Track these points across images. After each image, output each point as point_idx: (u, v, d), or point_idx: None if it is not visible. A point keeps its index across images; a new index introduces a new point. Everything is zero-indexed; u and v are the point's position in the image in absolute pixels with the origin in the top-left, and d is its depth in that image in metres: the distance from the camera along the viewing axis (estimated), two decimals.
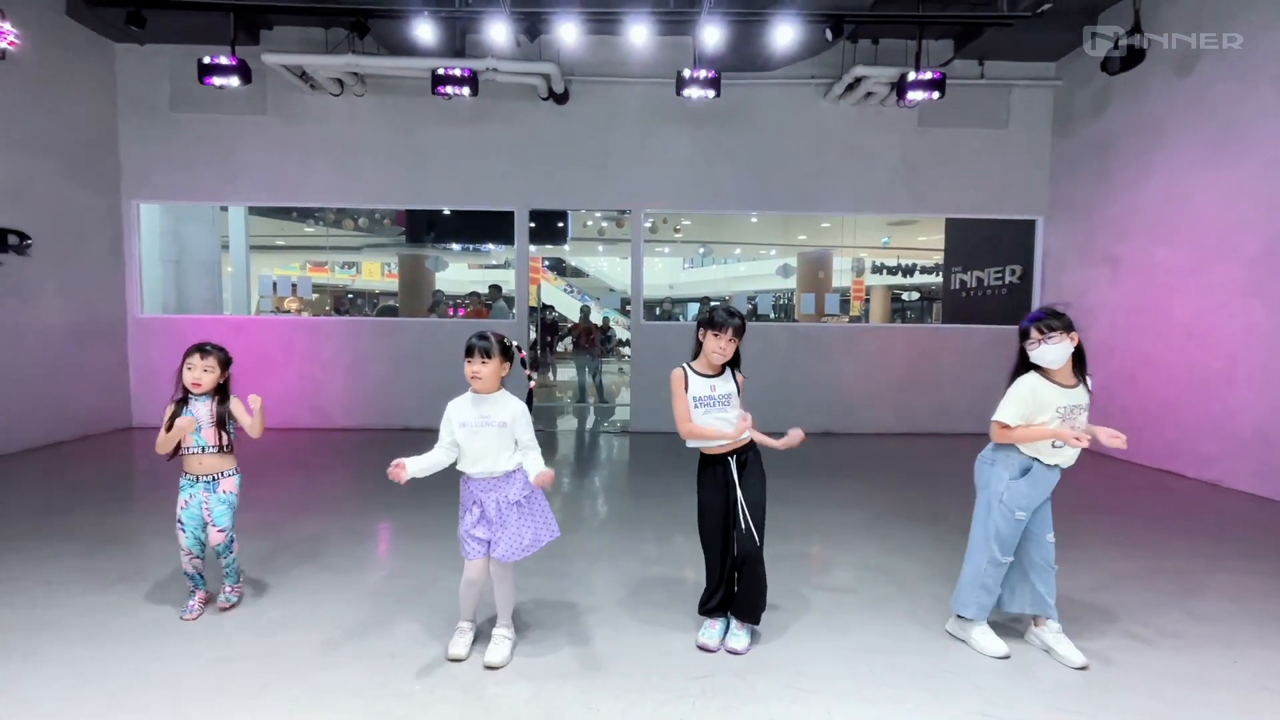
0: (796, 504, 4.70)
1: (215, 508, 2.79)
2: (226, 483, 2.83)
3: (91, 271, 7.12)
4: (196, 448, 2.76)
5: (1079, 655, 2.52)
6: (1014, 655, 2.60)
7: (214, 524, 2.78)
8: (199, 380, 2.72)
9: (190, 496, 2.79)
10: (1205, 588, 3.34)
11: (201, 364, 2.73)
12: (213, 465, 2.79)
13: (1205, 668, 2.55)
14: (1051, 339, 2.43)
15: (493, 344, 2.43)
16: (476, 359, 2.43)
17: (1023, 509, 2.57)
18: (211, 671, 2.41)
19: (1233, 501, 5.07)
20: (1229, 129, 5.50)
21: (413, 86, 7.23)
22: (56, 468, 5.70)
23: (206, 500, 2.78)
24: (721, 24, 6.09)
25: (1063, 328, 2.44)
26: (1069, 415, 2.49)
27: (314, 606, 2.97)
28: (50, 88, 6.55)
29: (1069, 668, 2.50)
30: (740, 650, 2.60)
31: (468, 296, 15.34)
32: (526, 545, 2.48)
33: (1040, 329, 2.46)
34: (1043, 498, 2.61)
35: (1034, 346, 2.48)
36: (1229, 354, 5.48)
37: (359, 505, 4.65)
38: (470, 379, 2.45)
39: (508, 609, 2.59)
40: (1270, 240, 5.17)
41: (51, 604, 2.95)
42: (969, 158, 7.74)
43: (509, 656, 2.51)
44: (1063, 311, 2.49)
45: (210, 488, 2.79)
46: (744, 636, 2.65)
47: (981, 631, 2.66)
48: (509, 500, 2.47)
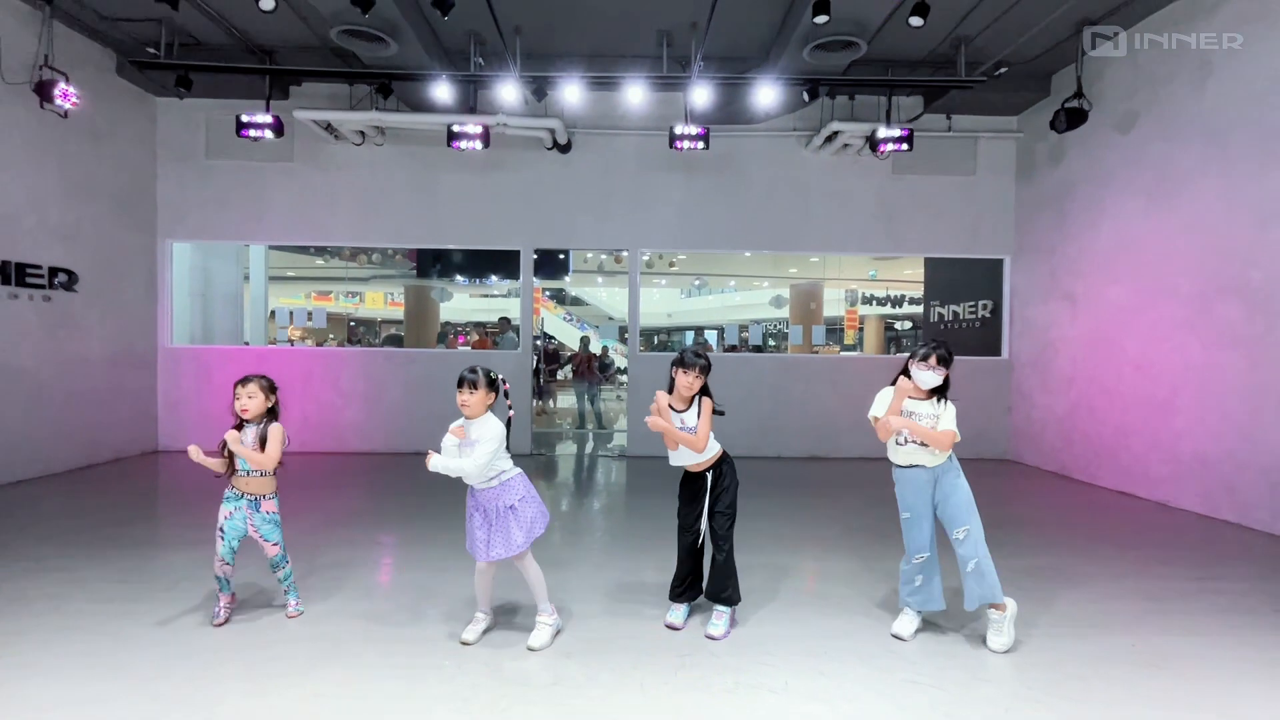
0: (775, 519, 5.19)
1: (262, 527, 3.12)
2: (268, 504, 3.15)
3: (129, 305, 7.70)
4: (244, 471, 3.09)
5: (1001, 640, 2.97)
6: (948, 642, 3.08)
7: (266, 540, 3.13)
8: (245, 406, 3.05)
9: (234, 509, 3.10)
10: (1126, 591, 3.83)
11: (245, 392, 3.07)
12: (258, 487, 3.12)
13: (1108, 650, 3.04)
14: (938, 370, 3.03)
15: (479, 377, 2.92)
16: (465, 389, 2.91)
17: (902, 509, 3.15)
18: (271, 649, 2.90)
19: (1178, 519, 5.56)
20: (1164, 181, 6.14)
21: (429, 137, 7.91)
22: (98, 487, 6.18)
23: (251, 518, 3.10)
24: (709, 85, 6.78)
25: (947, 365, 3.05)
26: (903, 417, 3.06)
27: (346, 604, 3.45)
28: (99, 139, 7.21)
29: (991, 650, 2.98)
30: (718, 636, 3.09)
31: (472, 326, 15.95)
32: (518, 544, 2.89)
33: (939, 359, 3.03)
34: (915, 495, 3.08)
35: (919, 367, 3.05)
36: (1171, 384, 6.03)
37: (379, 520, 5.14)
38: (460, 406, 2.94)
39: (540, 593, 3.04)
40: (1203, 281, 5.76)
41: (84, 608, 3.43)
42: (940, 202, 8.40)
43: (549, 641, 2.97)
44: (951, 353, 3.09)
45: (254, 506, 3.11)
46: (720, 625, 3.14)
47: (901, 616, 3.18)
48: (505, 505, 2.91)
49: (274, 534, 3.16)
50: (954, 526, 3.06)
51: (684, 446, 3.11)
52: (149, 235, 8.02)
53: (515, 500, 2.95)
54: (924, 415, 3.05)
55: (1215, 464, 5.59)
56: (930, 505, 3.10)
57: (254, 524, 3.12)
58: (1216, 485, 5.57)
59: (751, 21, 6.62)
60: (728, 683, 2.69)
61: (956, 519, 3.05)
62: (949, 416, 3.06)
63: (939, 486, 3.08)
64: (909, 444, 3.08)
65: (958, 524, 3.05)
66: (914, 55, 7.22)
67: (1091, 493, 6.54)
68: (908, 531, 3.15)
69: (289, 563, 3.26)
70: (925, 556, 3.12)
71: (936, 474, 3.07)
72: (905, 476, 3.13)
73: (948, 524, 3.08)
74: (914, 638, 3.11)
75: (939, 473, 3.07)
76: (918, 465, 3.08)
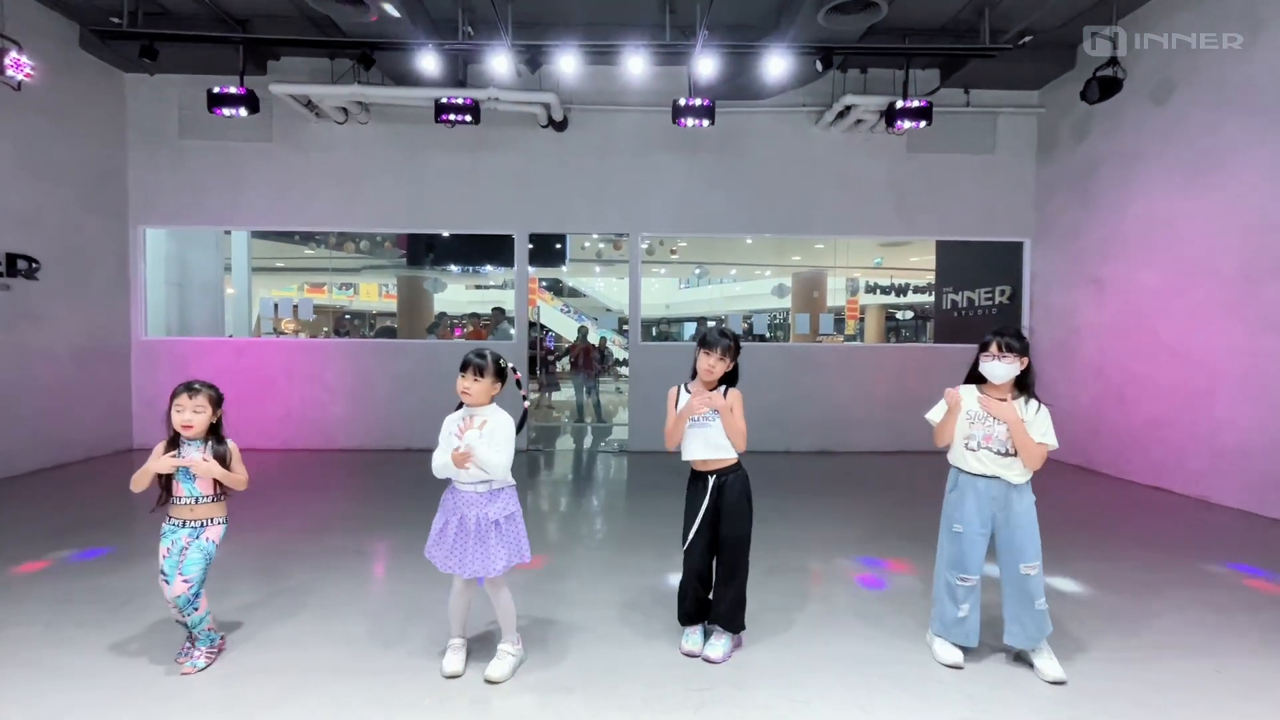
0: (789, 522, 4.79)
1: (192, 554, 2.52)
2: (212, 530, 2.60)
3: (98, 295, 7.23)
4: (190, 498, 2.54)
5: (1055, 668, 2.58)
6: (1004, 665, 2.69)
7: (180, 572, 2.49)
8: (190, 422, 2.50)
9: (172, 544, 2.55)
10: (1189, 601, 3.44)
11: (191, 404, 2.52)
12: (203, 513, 2.58)
13: (1188, 676, 2.65)
14: (1005, 358, 2.57)
15: (487, 363, 2.52)
16: (469, 375, 2.51)
17: (958, 522, 2.68)
18: (227, 685, 2.49)
19: (1219, 516, 5.18)
20: (1204, 156, 5.72)
21: (416, 114, 7.44)
22: (63, 490, 5.75)
23: (188, 545, 2.53)
24: (715, 56, 6.32)
25: (1019, 351, 2.57)
26: (977, 420, 2.64)
27: (322, 622, 3.05)
28: (62, 117, 6.72)
29: (1042, 679, 2.57)
30: (716, 659, 2.69)
31: (467, 317, 15.48)
32: (499, 568, 2.50)
33: (1000, 345, 2.58)
34: (978, 511, 2.64)
35: (987, 359, 2.61)
36: (1211, 372, 5.63)
37: (361, 524, 4.73)
38: (460, 393, 2.54)
39: (508, 623, 2.65)
40: (1247, 261, 5.35)
41: (67, 622, 3.01)
42: (957, 182, 7.96)
43: (509, 673, 2.56)
44: (1025, 336, 2.62)
45: (194, 533, 2.56)
46: (719, 646, 2.74)
47: (940, 640, 2.75)
48: (489, 518, 2.51)
49: (195, 566, 2.51)
50: (1022, 559, 2.60)
51: (699, 436, 2.70)
52: (119, 221, 7.55)
53: (502, 516, 2.54)
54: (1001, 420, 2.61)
55: (1260, 456, 5.20)
56: (990, 525, 2.65)
57: (187, 552, 2.53)
58: (1262, 479, 5.19)
59: None
60: None
61: (1026, 551, 2.60)
62: (1042, 423, 2.59)
63: (1008, 507, 2.62)
64: (983, 450, 2.62)
65: (1027, 557, 2.60)
66: (933, 23, 6.77)
67: (1122, 488, 6.16)
68: (955, 547, 2.70)
69: (200, 608, 2.56)
70: (973, 581, 2.67)
71: (1011, 493, 2.62)
72: (972, 486, 2.65)
73: (1012, 553, 2.62)
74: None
75: (1016, 492, 2.62)
76: (993, 477, 2.62)
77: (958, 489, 2.72)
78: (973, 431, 2.66)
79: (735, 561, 2.73)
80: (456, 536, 2.53)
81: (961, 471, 2.71)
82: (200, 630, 2.61)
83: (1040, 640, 2.63)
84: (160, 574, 2.56)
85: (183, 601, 2.50)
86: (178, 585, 2.50)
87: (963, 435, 2.68)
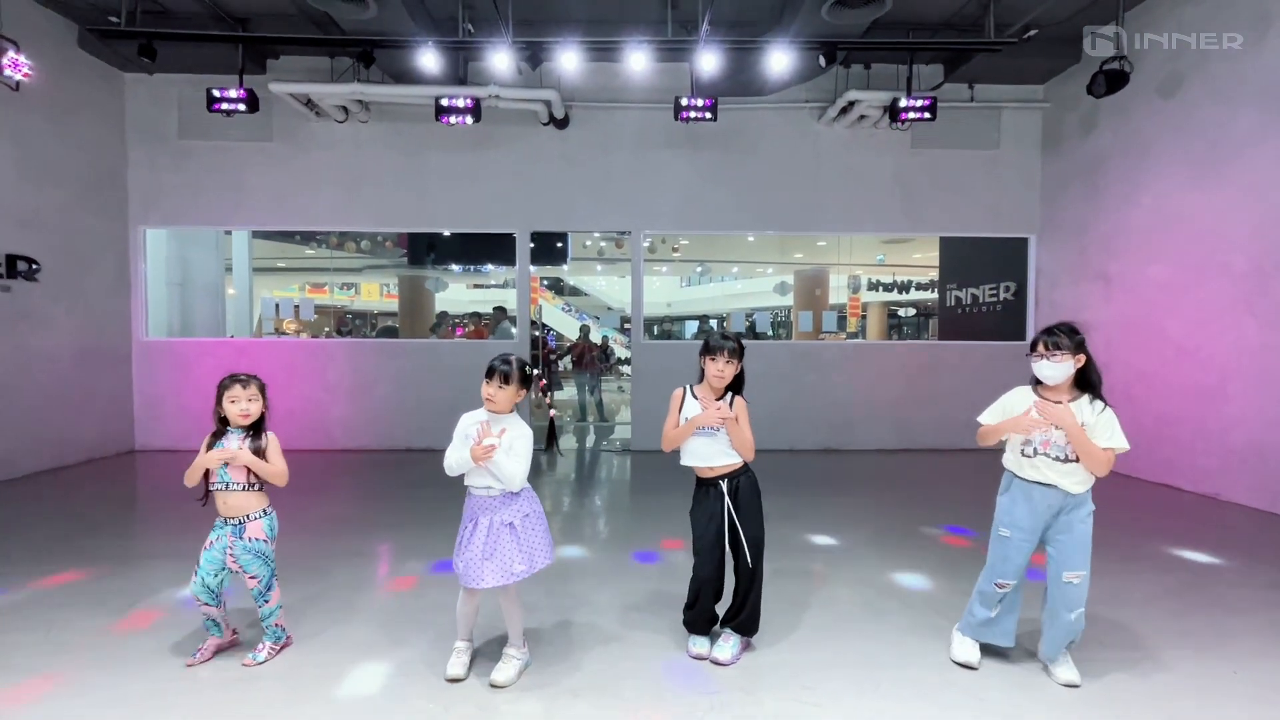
0: (799, 520, 4.75)
1: (241, 556, 2.56)
2: (253, 527, 2.58)
3: (98, 296, 7.20)
4: (220, 483, 2.55)
5: (1069, 671, 2.53)
6: (1019, 668, 2.64)
7: (245, 572, 2.58)
8: (248, 411, 2.57)
9: (216, 539, 2.58)
10: (1203, 601, 3.39)
11: (245, 394, 2.59)
12: (239, 504, 2.57)
13: (1205, 680, 2.60)
14: (1054, 356, 2.44)
15: (513, 369, 2.47)
16: (496, 381, 2.46)
17: (1006, 526, 2.57)
18: (230, 690, 2.45)
19: (1230, 515, 5.12)
20: (1215, 149, 5.65)
21: (416, 112, 7.39)
22: (64, 492, 5.72)
23: (232, 547, 2.56)
24: (718, 51, 6.26)
25: (1070, 348, 2.43)
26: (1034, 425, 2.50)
27: (325, 627, 3.00)
28: (61, 117, 6.68)
29: (1056, 683, 2.53)
30: (726, 661, 2.65)
31: (469, 317, 15.46)
32: (518, 573, 2.44)
33: (1047, 345, 2.46)
34: (1030, 518, 2.52)
35: (1036, 359, 2.50)
36: (1221, 369, 5.57)
37: (363, 526, 4.69)
38: (485, 400, 2.50)
39: (516, 629, 2.61)
40: (1259, 257, 5.29)
41: (66, 627, 2.98)
42: (961, 178, 7.90)
43: (515, 677, 2.53)
44: (1078, 331, 2.48)
45: (237, 532, 2.57)
46: (728, 648, 2.69)
47: (959, 639, 2.71)
48: (503, 521, 2.46)
49: (254, 565, 2.57)
50: (1068, 567, 2.49)
51: (706, 443, 2.66)
52: (119, 221, 7.51)
53: (517, 518, 2.48)
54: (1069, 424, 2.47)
55: (1273, 454, 5.14)
56: (1040, 532, 2.54)
57: (233, 553, 2.56)
58: (1274, 477, 5.13)
59: None
60: None
61: (1074, 560, 2.49)
62: (1107, 426, 2.41)
63: (1062, 516, 2.50)
64: (1040, 456, 2.49)
65: (1074, 566, 2.49)
66: (937, 17, 6.70)
67: (1129, 485, 6.10)
68: (1000, 550, 2.59)
69: (272, 600, 2.65)
70: (1011, 585, 2.61)
71: (1068, 502, 2.48)
72: (1027, 492, 2.52)
73: (1059, 562, 2.51)
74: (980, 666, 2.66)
75: (1073, 502, 2.48)
76: (1051, 485, 2.48)
77: (1010, 493, 2.60)
78: (1030, 435, 2.51)
79: (755, 565, 2.68)
80: (470, 544, 2.47)
81: (1016, 476, 2.58)
82: (269, 624, 2.68)
83: (1063, 650, 2.57)
84: (195, 565, 2.57)
85: (255, 594, 2.62)
86: (247, 582, 2.61)
87: (1019, 439, 2.54)
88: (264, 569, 2.61)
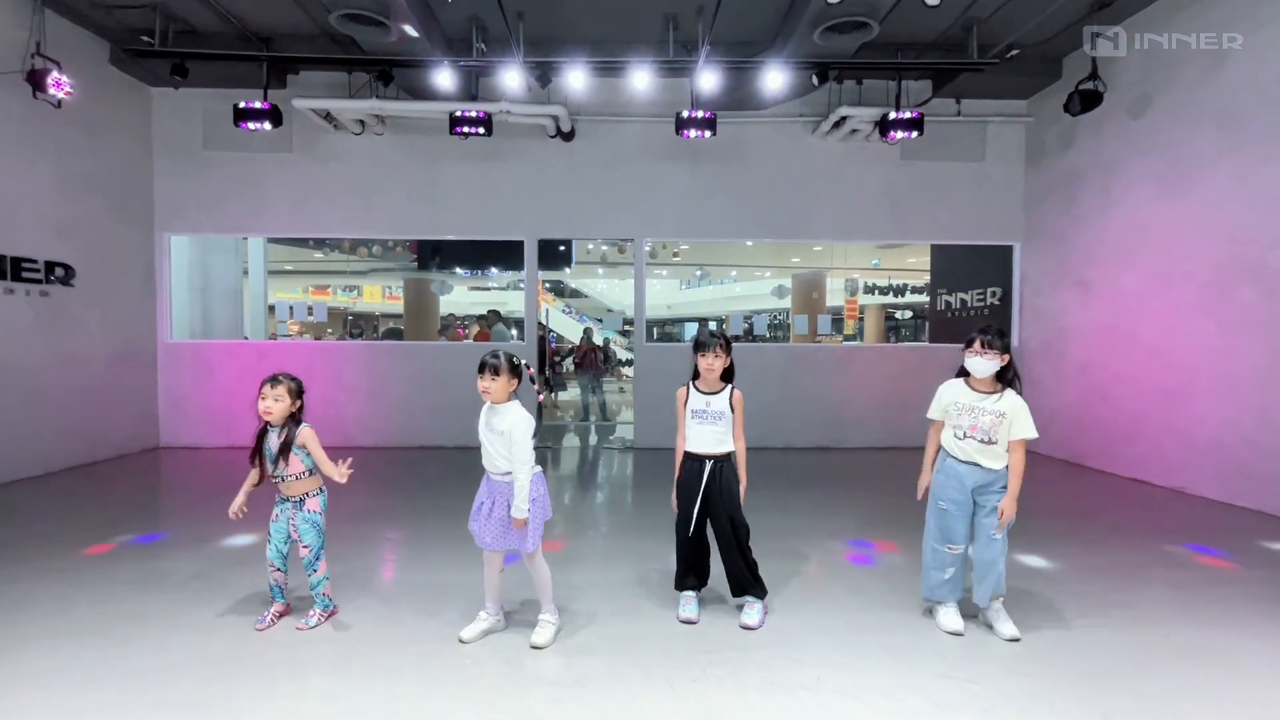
0: (788, 512, 5.12)
1: (300, 525, 2.99)
2: (311, 503, 3.02)
3: (127, 300, 7.57)
4: (278, 477, 2.96)
5: (1011, 628, 2.94)
6: (976, 634, 3.02)
7: (300, 540, 2.98)
8: (269, 409, 2.90)
9: (280, 512, 3.01)
10: (1151, 579, 3.77)
11: (271, 393, 2.91)
12: (299, 489, 2.99)
13: (1140, 639, 2.97)
14: (986, 354, 2.91)
15: (501, 362, 2.81)
16: (486, 375, 2.81)
17: (941, 498, 3.03)
18: (282, 652, 2.82)
19: (1194, 506, 5.50)
20: (1176, 166, 6.05)
21: (431, 126, 7.77)
22: (98, 485, 6.08)
23: (294, 519, 2.99)
24: (716, 70, 6.66)
25: (999, 348, 2.90)
26: (964, 410, 2.97)
27: (360, 602, 3.37)
28: (94, 131, 7.06)
29: (1001, 639, 2.92)
30: (754, 625, 3.04)
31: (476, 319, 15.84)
32: (532, 543, 2.82)
33: (983, 343, 2.92)
34: (961, 490, 2.97)
35: (971, 354, 2.95)
36: (1187, 370, 5.96)
37: (387, 517, 5.06)
38: (481, 393, 2.85)
39: (545, 594, 2.96)
40: (1218, 267, 5.67)
41: (137, 599, 3.35)
42: (949, 188, 8.29)
43: (551, 638, 2.89)
44: (1006, 335, 2.96)
45: (298, 506, 3.00)
46: (755, 614, 3.08)
47: (943, 610, 3.09)
48: (510, 502, 2.81)
49: (309, 534, 3.00)
50: (993, 527, 2.96)
51: (707, 431, 3.06)
52: (146, 229, 7.88)
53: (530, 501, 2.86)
54: (985, 411, 2.94)
55: (1233, 450, 5.53)
56: (970, 503, 3.01)
57: (295, 524, 3.00)
58: (1234, 471, 5.51)
59: (759, 4, 6.49)
60: (757, 679, 2.62)
61: (995, 520, 2.96)
62: (1021, 419, 2.90)
63: (986, 487, 2.97)
64: (969, 440, 2.96)
65: (993, 528, 2.96)
66: (924, 38, 7.09)
67: (1105, 480, 6.48)
68: (941, 521, 3.05)
69: (319, 570, 3.05)
70: (959, 550, 3.04)
71: (987, 478, 2.96)
72: (955, 470, 3.00)
73: (986, 523, 2.98)
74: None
75: (992, 477, 2.96)
76: (973, 464, 2.97)
77: (944, 471, 3.06)
78: (960, 421, 2.99)
79: (740, 531, 3.08)
80: (489, 517, 2.85)
81: (949, 456, 3.04)
82: (317, 593, 3.06)
83: (992, 596, 3.00)
84: (267, 535, 3.02)
85: (306, 563, 3.01)
86: (300, 550, 3.00)
87: (951, 424, 3.01)
88: (316, 539, 3.03)
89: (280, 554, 3.00)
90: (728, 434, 3.09)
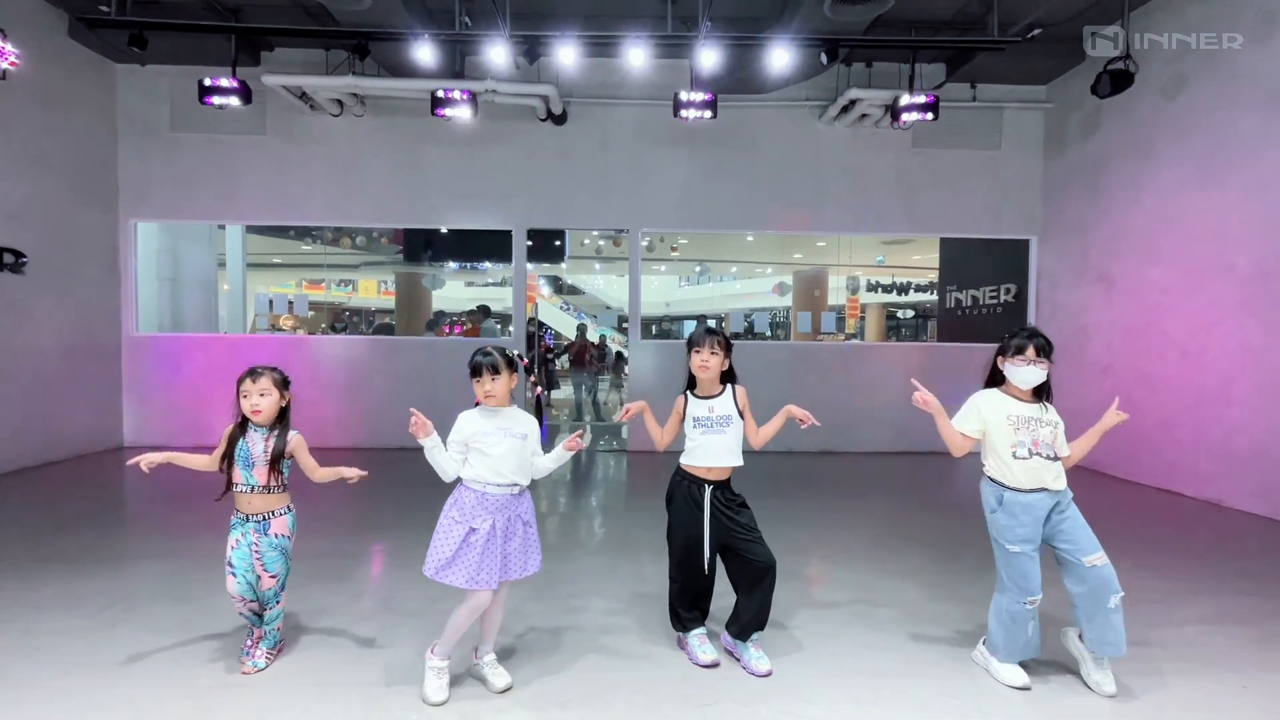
0: (792, 523, 4.66)
1: (266, 552, 2.51)
2: (277, 523, 2.55)
3: (87, 290, 7.09)
4: (246, 486, 2.50)
5: (1110, 682, 2.45)
6: (1047, 684, 2.56)
7: (265, 569, 2.51)
8: (259, 406, 2.49)
9: (241, 536, 2.52)
10: (1213, 613, 3.32)
11: (256, 388, 2.50)
12: (263, 505, 2.52)
13: (1214, 697, 2.52)
14: (1039, 363, 2.47)
15: (498, 359, 2.40)
16: (487, 377, 2.38)
17: (1010, 541, 2.48)
18: (207, 698, 2.36)
19: (1233, 520, 5.06)
20: (1220, 151, 5.59)
21: (412, 107, 7.30)
22: (51, 488, 5.62)
23: (257, 543, 2.51)
24: (718, 47, 6.18)
25: (1050, 358, 2.49)
26: (1023, 425, 2.48)
27: (308, 631, 2.92)
28: (50, 107, 6.58)
29: (1099, 695, 2.44)
30: (765, 672, 2.56)
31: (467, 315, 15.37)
32: (536, 563, 2.49)
33: (1037, 349, 2.47)
34: (1033, 528, 2.46)
35: (1020, 362, 2.48)
36: (1224, 373, 5.51)
37: (353, 529, 4.60)
38: (484, 398, 2.40)
39: (495, 630, 2.54)
40: (1263, 259, 5.22)
41: (42, 630, 2.88)
42: (963, 178, 7.84)
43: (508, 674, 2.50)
44: (1050, 342, 2.53)
45: (261, 528, 2.52)
46: (766, 659, 2.62)
47: (1008, 667, 2.55)
48: (522, 519, 2.44)
49: (275, 563, 2.53)
50: (1086, 553, 2.42)
51: (716, 441, 2.62)
52: (109, 214, 7.41)
53: (530, 516, 2.49)
54: (1044, 423, 2.49)
55: (1277, 459, 5.08)
56: (1039, 539, 2.49)
57: (258, 550, 2.51)
58: (1278, 483, 5.07)
59: None
60: None
61: (1087, 543, 2.44)
62: (1062, 432, 2.56)
63: (1054, 515, 2.48)
64: (1035, 458, 2.45)
65: (1090, 549, 2.43)
66: (940, 15, 6.63)
67: (1131, 491, 6.04)
68: (1018, 568, 2.47)
69: (281, 602, 2.60)
70: (1038, 600, 2.50)
71: (1058, 499, 2.48)
72: (1021, 503, 2.46)
73: (1074, 551, 2.44)
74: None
75: (1061, 497, 2.49)
76: (1042, 489, 2.47)
77: (1005, 508, 2.50)
78: (1020, 437, 2.46)
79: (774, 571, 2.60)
80: (488, 545, 2.34)
81: (1007, 489, 2.50)
82: (270, 629, 2.60)
83: (1123, 646, 2.42)
84: (228, 566, 2.52)
85: (269, 595, 2.55)
86: (264, 580, 2.53)
87: (1008, 443, 2.48)
88: (284, 568, 2.58)
89: (250, 585, 2.53)
90: (738, 443, 2.64)
